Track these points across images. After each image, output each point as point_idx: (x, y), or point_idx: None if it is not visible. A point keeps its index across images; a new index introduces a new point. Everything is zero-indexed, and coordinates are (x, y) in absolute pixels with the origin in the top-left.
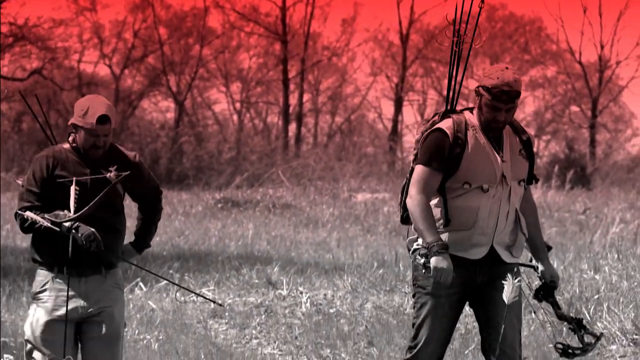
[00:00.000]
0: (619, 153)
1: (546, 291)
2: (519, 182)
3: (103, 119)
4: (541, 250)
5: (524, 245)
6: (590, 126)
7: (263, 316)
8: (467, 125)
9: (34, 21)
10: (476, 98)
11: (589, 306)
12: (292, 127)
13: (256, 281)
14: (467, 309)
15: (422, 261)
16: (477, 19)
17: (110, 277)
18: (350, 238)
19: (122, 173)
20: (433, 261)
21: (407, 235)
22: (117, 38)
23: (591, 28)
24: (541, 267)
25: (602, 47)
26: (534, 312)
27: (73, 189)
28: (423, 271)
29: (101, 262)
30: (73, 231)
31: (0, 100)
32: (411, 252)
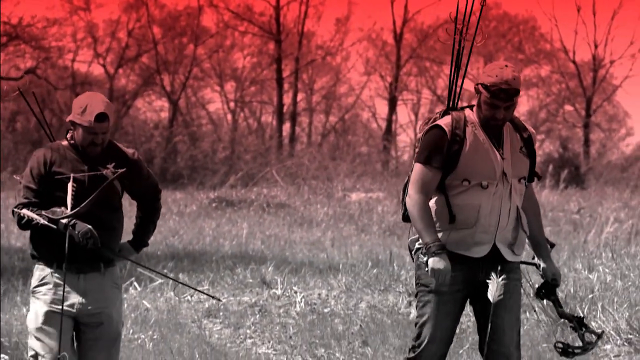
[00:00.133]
0: (613, 152)
1: (548, 289)
2: (520, 180)
3: (101, 117)
4: (543, 247)
5: (526, 242)
6: (584, 125)
7: (257, 316)
8: (467, 122)
9: (28, 20)
10: (476, 95)
11: (583, 306)
12: (286, 127)
13: (250, 281)
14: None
15: (425, 259)
16: (479, 17)
17: (108, 275)
18: (344, 237)
19: (119, 170)
20: (430, 262)
21: (409, 234)
22: (111, 37)
23: (585, 27)
24: (543, 265)
25: (596, 47)
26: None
27: (70, 186)
28: (426, 269)
29: (100, 260)
30: (70, 228)
31: (0, 99)
32: (414, 252)
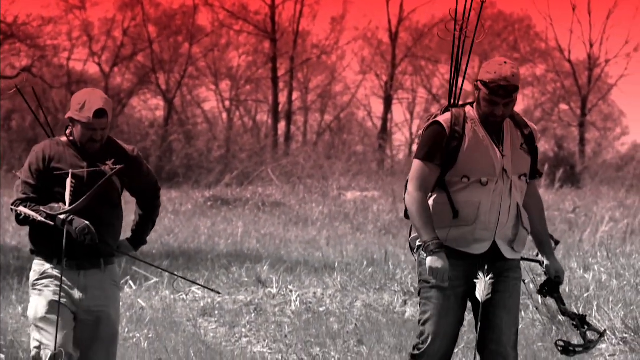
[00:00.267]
0: (609, 152)
1: (551, 286)
2: (520, 177)
3: (100, 113)
4: (546, 245)
5: (526, 240)
6: (579, 124)
7: (253, 314)
8: (466, 118)
9: (23, 19)
10: (475, 92)
11: (579, 305)
12: (282, 126)
13: (246, 279)
14: None
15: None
16: (480, 12)
17: (108, 273)
18: (339, 236)
19: (117, 166)
20: (429, 261)
21: (410, 232)
22: (107, 36)
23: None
24: (546, 262)
25: (592, 46)
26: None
27: (69, 182)
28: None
29: (100, 256)
30: (67, 224)
31: (0, 98)
32: (415, 250)
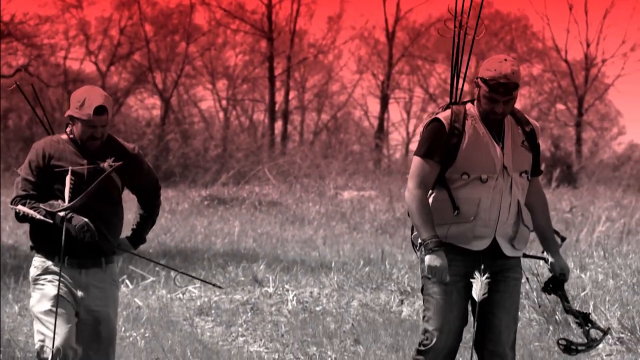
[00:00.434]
0: (605, 151)
1: (555, 284)
2: (521, 174)
3: (100, 110)
4: (551, 242)
5: (528, 237)
6: (576, 124)
7: (249, 314)
8: (466, 115)
9: (20, 18)
10: (475, 89)
11: (575, 305)
12: (278, 125)
13: (242, 279)
14: None
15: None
16: (480, 10)
17: (108, 272)
18: (336, 236)
19: (116, 163)
20: (427, 259)
21: (412, 230)
22: (103, 35)
23: (577, 26)
24: (551, 260)
25: (588, 45)
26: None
27: (68, 179)
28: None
29: (101, 255)
30: (66, 221)
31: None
32: (417, 247)
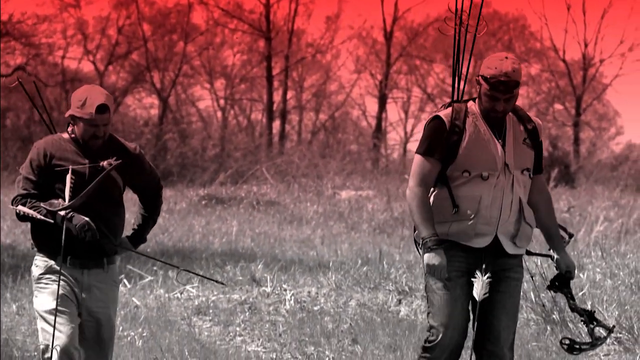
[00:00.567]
0: (603, 151)
1: (561, 281)
2: (523, 171)
3: (102, 108)
4: (556, 239)
5: (530, 235)
6: (574, 124)
7: (247, 313)
8: (467, 113)
9: (18, 17)
10: (477, 87)
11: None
12: (276, 124)
13: (240, 278)
14: None
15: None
16: (481, 7)
17: (110, 272)
18: (334, 235)
19: (117, 161)
20: (426, 258)
21: (415, 229)
22: (101, 34)
23: (575, 26)
24: (557, 257)
25: (586, 45)
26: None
27: (69, 178)
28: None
29: (103, 255)
30: (67, 221)
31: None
32: (420, 245)
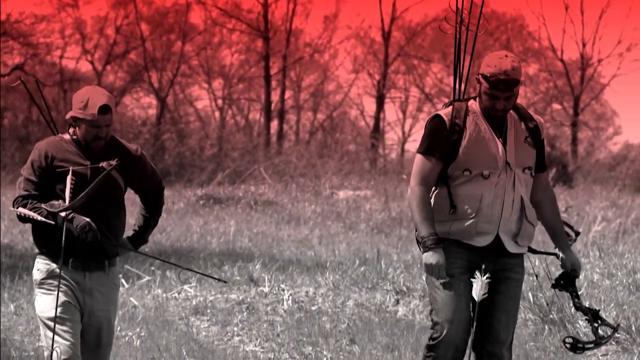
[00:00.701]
0: (601, 151)
1: (567, 280)
2: (524, 170)
3: (104, 109)
4: (561, 237)
5: (532, 234)
6: (572, 124)
7: (245, 313)
8: (468, 111)
9: (16, 17)
10: (477, 86)
11: (570, 304)
12: (274, 124)
13: (238, 278)
14: None
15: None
16: (482, 6)
17: (111, 274)
18: (332, 235)
19: (116, 162)
20: (424, 257)
21: (416, 228)
22: (99, 34)
23: (573, 26)
24: (562, 255)
25: (584, 45)
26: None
27: (69, 179)
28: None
29: (105, 257)
30: (67, 222)
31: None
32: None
